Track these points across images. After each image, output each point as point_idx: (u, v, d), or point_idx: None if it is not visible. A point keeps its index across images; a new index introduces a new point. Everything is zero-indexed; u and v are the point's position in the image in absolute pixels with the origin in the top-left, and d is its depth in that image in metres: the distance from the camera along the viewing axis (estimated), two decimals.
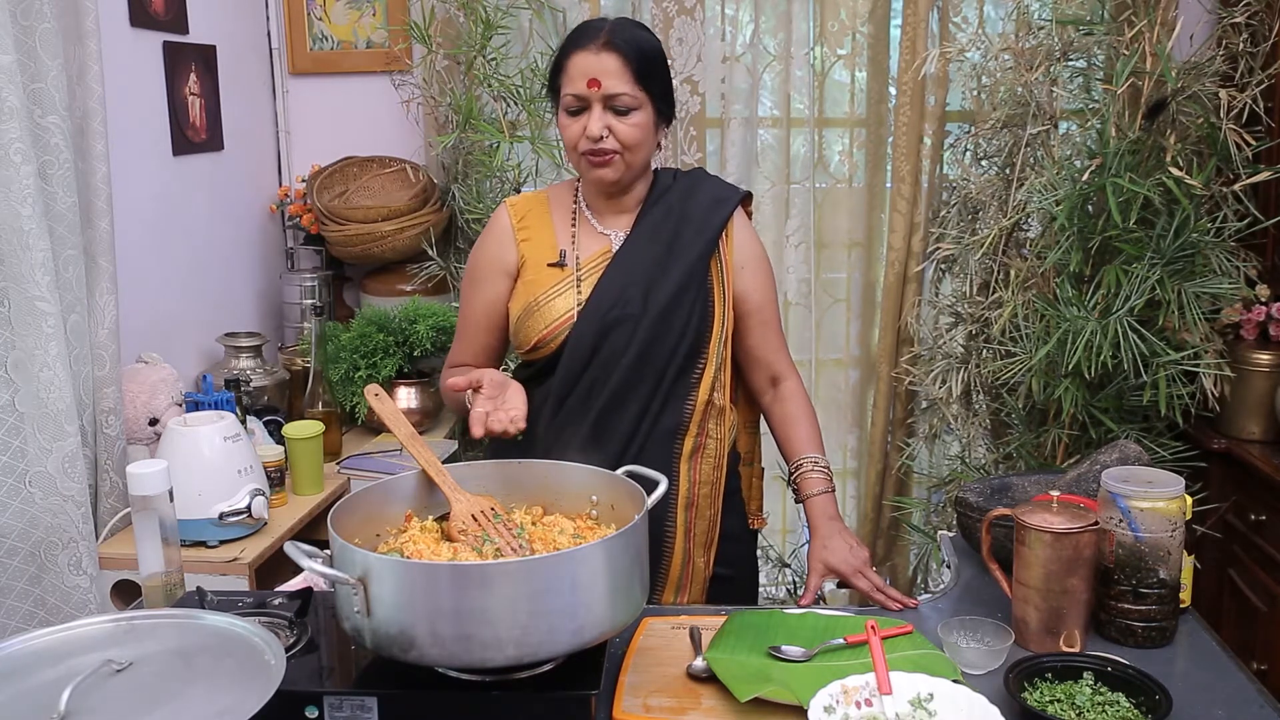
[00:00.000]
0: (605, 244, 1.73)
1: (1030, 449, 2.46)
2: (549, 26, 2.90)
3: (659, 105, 1.65)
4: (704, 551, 1.75)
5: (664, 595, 1.72)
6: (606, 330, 1.66)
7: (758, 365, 1.80)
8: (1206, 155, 2.30)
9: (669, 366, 1.68)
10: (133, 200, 2.35)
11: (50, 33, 1.86)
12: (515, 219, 1.75)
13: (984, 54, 2.61)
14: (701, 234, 1.70)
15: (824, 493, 1.72)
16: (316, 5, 3.05)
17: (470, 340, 1.79)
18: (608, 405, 1.67)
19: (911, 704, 1.18)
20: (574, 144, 1.65)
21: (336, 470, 2.45)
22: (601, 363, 1.67)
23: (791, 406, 1.79)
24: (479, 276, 1.77)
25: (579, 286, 1.70)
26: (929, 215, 2.89)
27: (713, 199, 1.74)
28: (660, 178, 1.76)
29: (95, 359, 2.03)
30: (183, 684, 1.06)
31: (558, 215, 1.76)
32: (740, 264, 1.75)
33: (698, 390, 1.70)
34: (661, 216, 1.72)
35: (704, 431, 1.72)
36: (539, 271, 1.71)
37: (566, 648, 1.15)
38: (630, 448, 1.66)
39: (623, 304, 1.67)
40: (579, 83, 1.61)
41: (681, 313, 1.68)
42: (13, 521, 1.86)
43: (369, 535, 1.33)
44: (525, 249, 1.73)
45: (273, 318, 3.07)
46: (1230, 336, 2.43)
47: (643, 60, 1.61)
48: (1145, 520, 1.35)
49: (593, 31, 1.62)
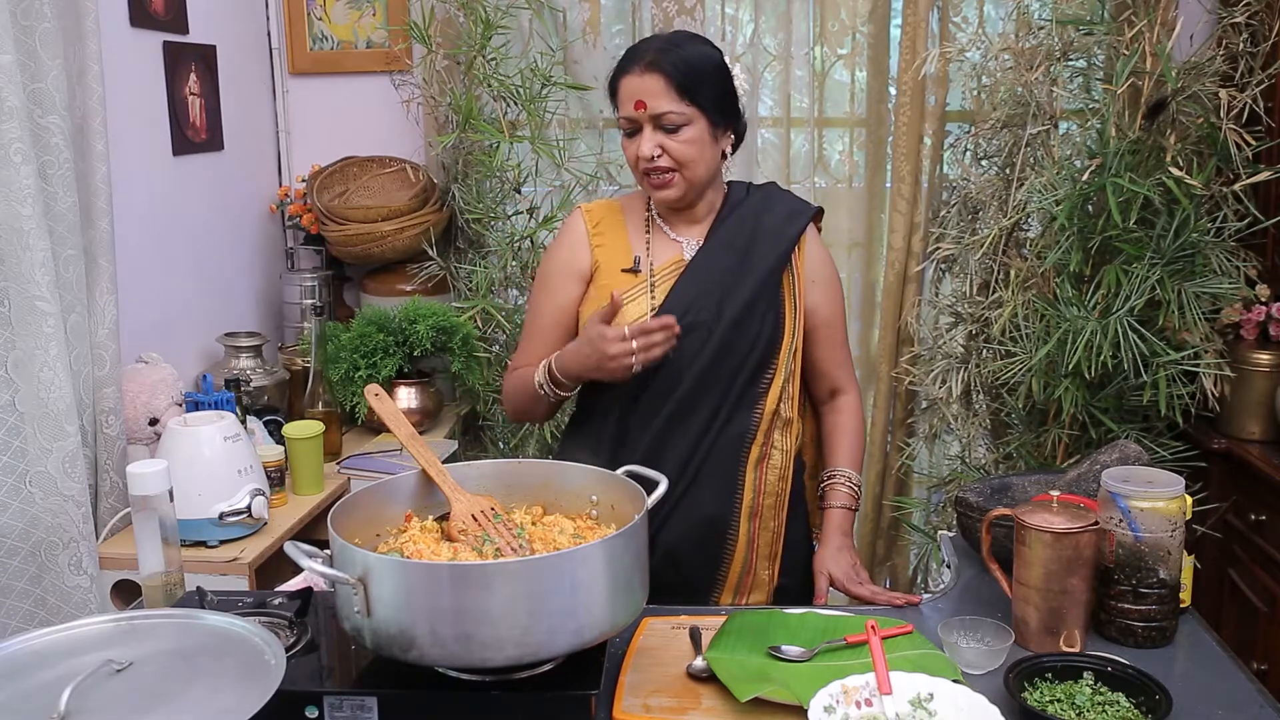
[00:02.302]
0: (677, 252, 1.74)
1: (1030, 449, 2.46)
2: (549, 26, 2.90)
3: (714, 117, 1.65)
4: (769, 564, 1.75)
5: (722, 597, 1.73)
6: (679, 337, 1.66)
7: (821, 377, 1.83)
8: (1206, 155, 2.30)
9: (739, 375, 1.69)
10: (133, 200, 2.35)
11: (50, 33, 1.87)
12: (590, 224, 1.77)
13: (984, 54, 2.61)
14: (776, 247, 1.72)
15: (845, 508, 1.77)
16: (316, 5, 3.05)
17: (539, 343, 1.79)
18: (677, 411, 1.68)
19: (911, 704, 1.18)
20: (634, 164, 1.67)
21: (336, 470, 2.45)
22: (673, 369, 1.68)
23: (843, 419, 1.83)
24: (551, 279, 1.78)
25: (652, 293, 1.71)
26: (929, 215, 2.89)
27: (788, 212, 1.76)
28: (734, 189, 1.79)
29: (95, 359, 2.03)
30: (183, 684, 1.06)
31: (632, 222, 1.77)
32: (812, 278, 1.76)
33: (765, 400, 1.71)
34: (735, 227, 1.73)
35: (769, 441, 1.73)
36: (613, 276, 1.73)
37: (566, 648, 1.15)
38: (696, 454, 1.68)
39: (696, 311, 1.68)
40: (628, 105, 1.64)
41: (754, 323, 1.69)
42: (13, 521, 1.86)
43: (369, 535, 1.33)
44: (600, 254, 1.75)
45: (273, 318, 3.07)
46: (1230, 336, 2.43)
47: (688, 75, 1.61)
48: (1145, 520, 1.35)
49: (640, 53, 1.64)
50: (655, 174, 1.65)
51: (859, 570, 1.71)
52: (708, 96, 1.64)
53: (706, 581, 1.71)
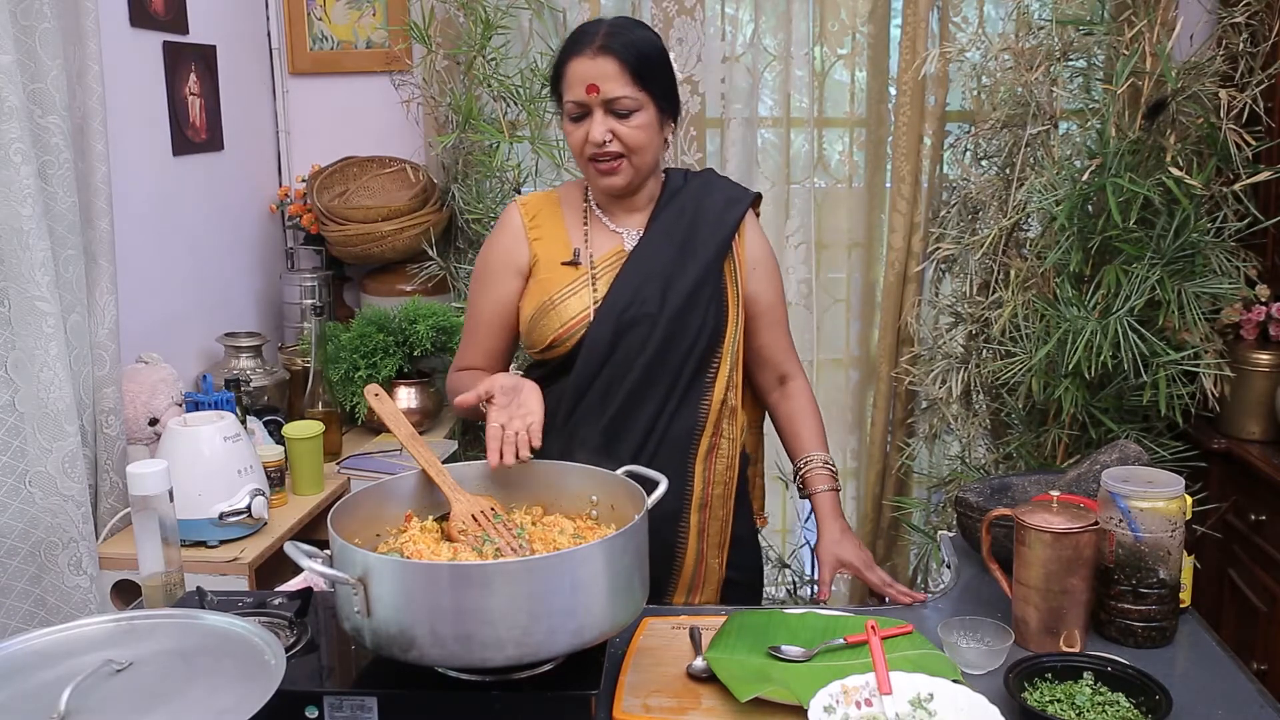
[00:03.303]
0: (618, 243, 1.72)
1: (1030, 449, 2.46)
2: (549, 26, 2.90)
3: (661, 104, 1.64)
4: (718, 553, 1.75)
5: (675, 597, 1.72)
6: (624, 329, 1.65)
7: (766, 365, 1.81)
8: (1206, 155, 2.30)
9: (685, 366, 1.67)
10: (133, 200, 2.35)
11: (50, 33, 1.86)
12: (527, 217, 1.74)
13: (984, 54, 2.61)
14: (716, 234, 1.70)
15: (830, 490, 1.75)
16: (316, 5, 3.05)
17: (479, 341, 1.78)
18: (624, 405, 1.66)
19: (911, 704, 1.18)
20: (579, 150, 1.64)
21: (336, 470, 2.45)
22: (618, 362, 1.66)
23: (799, 404, 1.80)
24: (489, 275, 1.75)
25: (594, 285, 1.69)
26: (929, 215, 2.89)
27: (726, 199, 1.74)
28: (672, 177, 1.76)
29: (95, 359, 2.03)
30: (183, 684, 1.06)
31: (569, 214, 1.75)
32: (752, 264, 1.75)
33: (713, 390, 1.70)
34: (675, 216, 1.72)
35: (719, 432, 1.72)
36: (552, 270, 1.70)
37: (566, 648, 1.15)
38: (646, 448, 1.66)
39: (640, 303, 1.66)
40: (578, 89, 1.60)
41: (698, 312, 1.68)
42: (13, 521, 1.86)
43: (369, 535, 1.33)
44: (537, 247, 1.72)
45: (273, 318, 3.07)
46: (1230, 336, 2.43)
47: (640, 61, 1.60)
48: (1145, 520, 1.34)
49: (588, 36, 1.61)
50: (603, 160, 1.62)
51: (864, 548, 1.70)
52: (657, 83, 1.63)
53: (663, 574, 1.68)
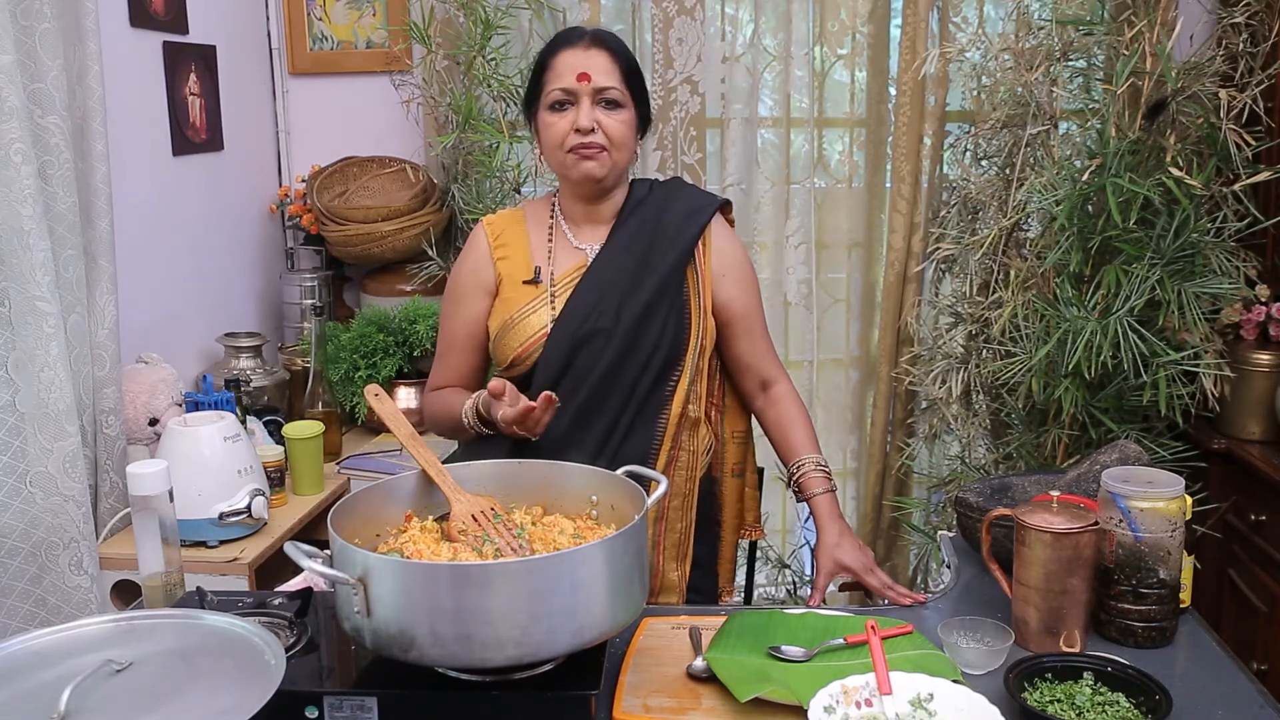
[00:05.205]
0: (581, 259, 1.72)
1: (1030, 449, 2.46)
2: (549, 27, 2.90)
3: (640, 109, 1.68)
4: (677, 565, 1.73)
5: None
6: (578, 345, 1.65)
7: (747, 371, 1.80)
8: (1206, 155, 2.30)
9: (641, 380, 1.67)
10: (133, 200, 2.35)
11: (50, 33, 1.87)
12: (492, 237, 1.75)
13: (984, 54, 2.61)
14: (675, 245, 1.70)
15: (827, 492, 1.73)
16: (316, 5, 3.05)
17: (452, 360, 1.78)
18: (578, 419, 1.66)
19: (911, 704, 1.18)
20: (560, 140, 1.63)
21: (336, 470, 2.45)
22: (574, 377, 1.66)
23: (785, 408, 1.79)
24: (459, 295, 1.76)
25: (553, 303, 1.68)
26: (929, 215, 2.89)
27: (688, 209, 1.73)
28: (635, 188, 1.75)
29: (95, 359, 2.03)
30: (183, 684, 1.05)
31: (534, 232, 1.75)
32: (721, 272, 1.74)
33: (671, 405, 1.69)
34: (636, 228, 1.71)
35: (678, 444, 1.71)
36: (515, 289, 1.71)
37: (566, 648, 1.15)
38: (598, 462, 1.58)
39: (596, 317, 1.66)
40: (567, 77, 1.61)
41: (654, 326, 1.67)
42: (13, 522, 1.86)
43: (369, 535, 1.33)
44: (502, 267, 1.73)
45: (273, 318, 3.07)
46: (1230, 336, 2.43)
47: (629, 62, 1.64)
48: (1145, 520, 1.35)
49: (579, 33, 1.65)
50: (585, 147, 1.62)
51: (865, 550, 1.67)
52: (639, 90, 1.67)
53: None
